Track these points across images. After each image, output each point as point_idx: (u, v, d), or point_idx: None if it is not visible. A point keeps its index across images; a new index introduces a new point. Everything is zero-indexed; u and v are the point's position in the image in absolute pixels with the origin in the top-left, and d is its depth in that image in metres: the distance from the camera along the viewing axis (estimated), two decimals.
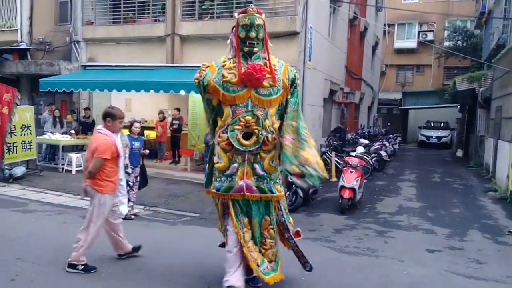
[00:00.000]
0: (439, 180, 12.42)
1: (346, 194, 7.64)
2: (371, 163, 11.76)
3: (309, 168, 3.76)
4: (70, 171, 10.40)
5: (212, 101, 3.93)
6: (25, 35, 13.30)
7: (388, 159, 14.52)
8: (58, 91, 11.09)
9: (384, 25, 24.15)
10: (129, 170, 6.53)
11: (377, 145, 14.39)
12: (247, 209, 3.90)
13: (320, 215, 7.54)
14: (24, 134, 9.82)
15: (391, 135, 19.52)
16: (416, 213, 7.94)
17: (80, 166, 10.59)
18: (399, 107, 26.85)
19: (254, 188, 3.83)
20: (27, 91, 13.45)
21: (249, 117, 3.73)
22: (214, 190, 3.95)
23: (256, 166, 3.81)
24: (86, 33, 12.33)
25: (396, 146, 18.58)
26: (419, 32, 27.37)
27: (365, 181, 8.97)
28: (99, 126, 4.56)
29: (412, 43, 27.57)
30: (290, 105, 3.93)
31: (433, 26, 27.12)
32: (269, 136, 3.81)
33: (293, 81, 3.95)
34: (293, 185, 7.67)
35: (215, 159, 3.97)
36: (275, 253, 4.01)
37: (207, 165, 4.30)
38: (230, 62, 3.83)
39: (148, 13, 11.78)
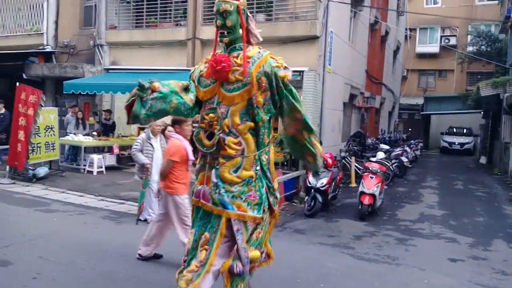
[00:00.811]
0: (462, 187, 12.14)
1: (366, 200, 7.53)
2: (392, 169, 11.57)
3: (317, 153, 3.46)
4: (92, 172, 10.60)
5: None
6: (50, 38, 13.61)
7: (410, 165, 14.28)
8: (82, 93, 11.31)
9: (406, 29, 23.86)
10: None
11: (398, 150, 14.17)
12: (200, 220, 3.35)
13: (339, 221, 7.45)
14: (48, 135, 10.03)
15: (412, 141, 19.19)
16: (438, 221, 7.76)
17: (101, 167, 10.80)
18: (421, 113, 26.41)
19: (209, 196, 3.25)
20: (51, 93, 13.79)
21: (212, 115, 3.24)
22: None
23: (213, 171, 3.26)
24: (110, 37, 12.57)
25: (418, 152, 18.27)
26: (441, 36, 26.91)
27: (385, 187, 8.83)
28: (172, 132, 4.82)
29: (434, 48, 27.13)
30: (285, 106, 3.26)
31: (455, 31, 26.65)
32: (227, 138, 3.16)
33: (268, 76, 3.13)
34: (312, 190, 7.63)
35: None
36: (188, 280, 3.17)
37: None
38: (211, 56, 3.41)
39: (170, 17, 11.94)
